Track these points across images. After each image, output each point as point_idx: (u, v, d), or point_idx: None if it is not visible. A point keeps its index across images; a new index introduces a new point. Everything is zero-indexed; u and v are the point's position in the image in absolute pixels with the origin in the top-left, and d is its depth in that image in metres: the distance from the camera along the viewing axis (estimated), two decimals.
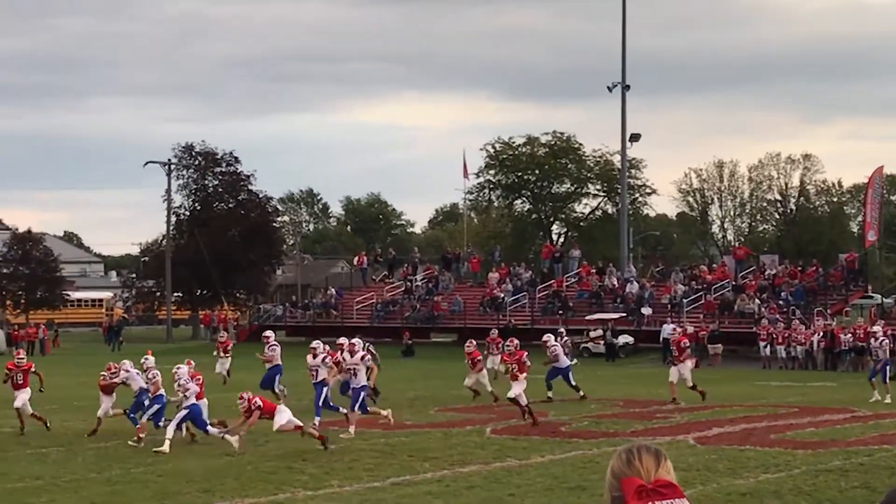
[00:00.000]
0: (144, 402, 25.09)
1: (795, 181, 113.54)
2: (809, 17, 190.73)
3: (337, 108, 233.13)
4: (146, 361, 26.49)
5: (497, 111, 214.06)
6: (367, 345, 36.40)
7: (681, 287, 61.86)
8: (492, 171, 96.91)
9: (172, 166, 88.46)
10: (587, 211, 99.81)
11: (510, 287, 66.45)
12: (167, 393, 24.99)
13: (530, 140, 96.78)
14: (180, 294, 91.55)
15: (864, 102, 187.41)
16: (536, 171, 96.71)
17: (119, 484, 19.65)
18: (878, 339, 36.31)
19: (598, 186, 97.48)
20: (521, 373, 27.94)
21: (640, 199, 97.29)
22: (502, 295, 65.35)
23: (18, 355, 27.76)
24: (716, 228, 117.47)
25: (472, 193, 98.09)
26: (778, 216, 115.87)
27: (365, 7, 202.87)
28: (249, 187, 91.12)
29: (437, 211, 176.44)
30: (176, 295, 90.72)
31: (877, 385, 34.38)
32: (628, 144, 74.35)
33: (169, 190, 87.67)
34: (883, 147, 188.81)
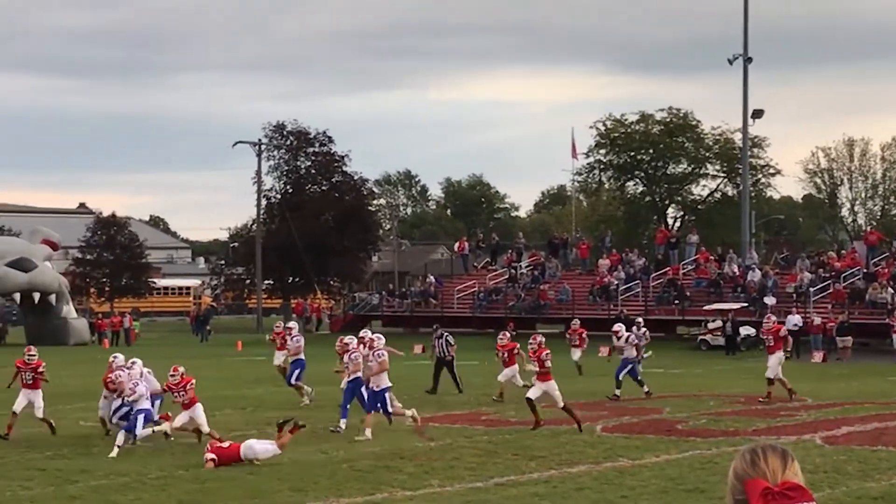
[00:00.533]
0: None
1: None
2: None
3: (437, 84, 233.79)
4: (115, 360, 26.09)
5: (608, 86, 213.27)
6: (444, 332, 36.25)
7: (807, 275, 61.17)
8: (602, 151, 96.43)
9: (263, 147, 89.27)
10: (705, 193, 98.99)
11: (622, 275, 66.19)
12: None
13: (644, 117, 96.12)
14: (271, 282, 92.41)
15: None
16: (651, 151, 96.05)
17: (208, 482, 19.90)
18: None
19: (718, 167, 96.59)
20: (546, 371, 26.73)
21: (763, 181, 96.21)
22: (614, 283, 65.09)
23: (29, 352, 26.69)
24: (845, 212, 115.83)
25: (581, 174, 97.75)
26: None
27: None
28: (344, 169, 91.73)
29: (543, 193, 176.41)
30: (266, 283, 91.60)
31: None
32: (750, 121, 73.56)
33: (259, 172, 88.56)
34: None
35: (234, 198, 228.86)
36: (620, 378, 33.36)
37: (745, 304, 60.58)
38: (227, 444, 21.45)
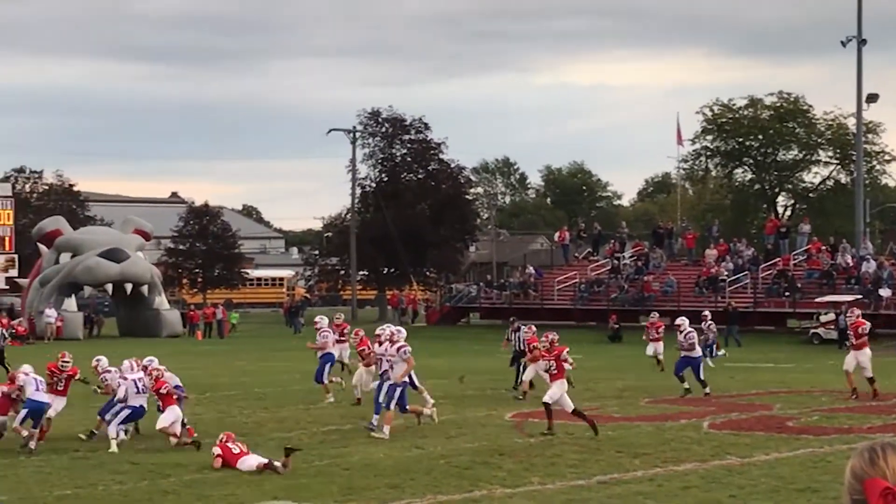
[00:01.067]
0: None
1: None
2: None
3: (536, 69, 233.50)
4: (99, 363, 25.87)
5: (715, 70, 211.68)
6: (521, 325, 35.93)
7: None
8: (709, 137, 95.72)
9: (357, 134, 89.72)
10: (817, 181, 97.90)
11: (730, 265, 65.67)
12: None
13: (753, 102, 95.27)
14: (366, 272, 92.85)
15: None
16: (760, 137, 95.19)
17: (303, 477, 20.04)
18: None
19: (830, 153, 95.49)
20: (561, 372, 25.67)
21: (878, 168, 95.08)
22: (722, 274, 64.62)
23: (63, 358, 26.04)
24: None
25: (686, 162, 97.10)
26: None
27: None
28: (440, 156, 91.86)
29: (647, 181, 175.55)
30: (361, 273, 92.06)
31: None
32: (865, 106, 72.59)
33: (354, 160, 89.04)
34: None
35: (329, 186, 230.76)
36: (681, 374, 32.80)
37: (860, 297, 59.80)
38: (238, 451, 21.11)
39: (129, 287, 69.37)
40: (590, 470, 20.41)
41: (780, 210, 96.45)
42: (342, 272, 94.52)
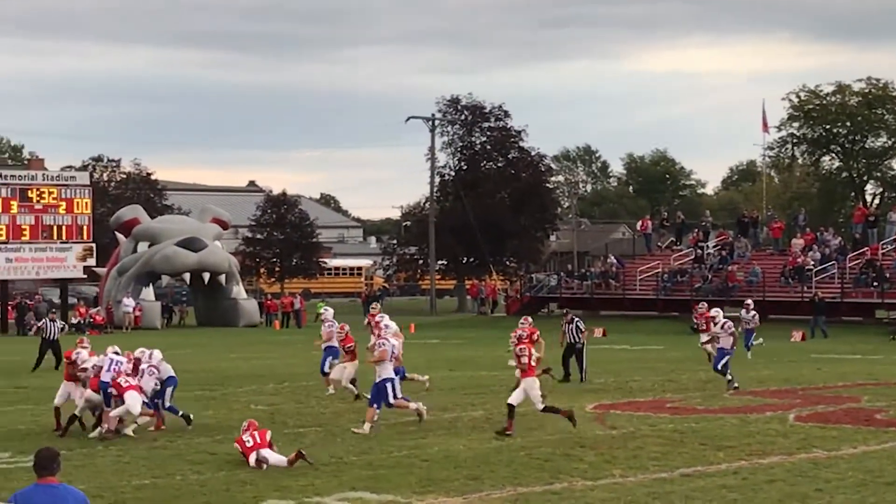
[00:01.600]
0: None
1: None
2: None
3: (619, 55, 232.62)
4: (79, 356, 25.51)
5: (801, 55, 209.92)
6: (574, 317, 35.59)
7: None
8: (795, 124, 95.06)
9: (436, 122, 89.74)
10: None
11: (817, 255, 65.07)
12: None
13: (841, 88, 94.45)
14: (445, 262, 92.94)
15: None
16: (848, 124, 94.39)
17: (381, 468, 20.09)
18: None
19: None
20: (530, 370, 24.08)
21: None
22: (809, 264, 64.05)
23: (82, 343, 26.28)
24: None
25: (772, 149, 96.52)
26: None
27: None
28: (520, 144, 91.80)
29: (731, 169, 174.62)
30: (440, 263, 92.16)
31: None
32: None
33: (433, 148, 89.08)
34: None
35: (407, 175, 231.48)
36: (720, 368, 32.05)
37: None
38: (251, 443, 20.90)
39: (206, 276, 69.85)
40: (672, 462, 20.32)
41: (869, 198, 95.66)
42: (420, 262, 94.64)
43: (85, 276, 74.28)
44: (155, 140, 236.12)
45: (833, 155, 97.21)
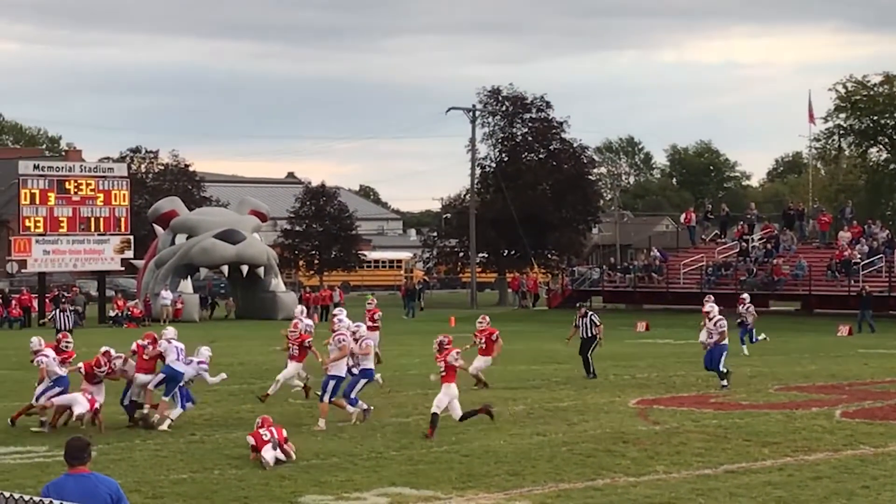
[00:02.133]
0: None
1: None
2: None
3: (662, 45, 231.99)
4: (38, 350, 25.30)
5: (848, 45, 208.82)
6: (588, 312, 35.14)
7: None
8: (842, 115, 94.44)
9: (477, 113, 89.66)
10: None
11: (864, 248, 64.76)
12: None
13: (889, 78, 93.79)
14: (485, 255, 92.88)
15: None
16: None
17: (421, 463, 20.11)
18: None
19: None
20: (450, 375, 23.71)
21: None
22: (856, 257, 63.74)
23: (66, 338, 26.26)
24: None
25: (818, 141, 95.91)
26: None
27: None
28: (562, 135, 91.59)
29: (777, 161, 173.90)
30: (481, 256, 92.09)
31: None
32: None
33: (473, 139, 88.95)
34: None
35: (447, 167, 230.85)
36: (718, 367, 31.16)
37: None
38: (268, 437, 20.70)
39: (245, 269, 69.96)
40: (716, 459, 20.27)
41: None
42: (461, 254, 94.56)
43: (123, 269, 74.51)
44: (194, 131, 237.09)
45: (881, 146, 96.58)
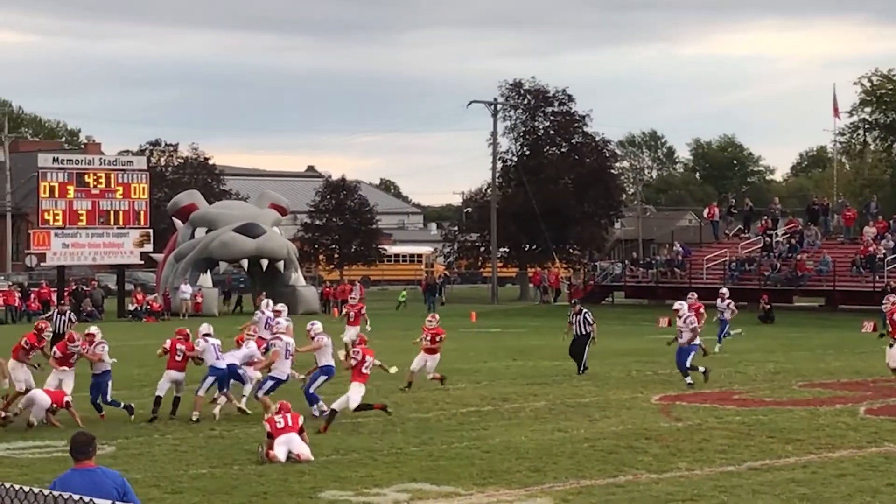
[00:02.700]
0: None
1: None
2: None
3: (685, 38, 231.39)
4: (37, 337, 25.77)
5: (873, 38, 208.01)
6: (583, 309, 34.98)
7: None
8: (867, 109, 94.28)
9: (499, 107, 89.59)
10: None
11: (889, 243, 64.53)
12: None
13: None
14: (507, 249, 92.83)
15: None
16: None
17: (441, 459, 20.13)
18: None
19: None
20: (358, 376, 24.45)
21: None
22: (881, 252, 63.53)
23: (47, 328, 26.70)
24: None
25: (843, 135, 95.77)
26: None
27: None
28: (584, 129, 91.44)
29: (801, 156, 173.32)
30: (502, 250, 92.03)
31: None
32: None
33: (495, 133, 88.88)
34: None
35: (469, 161, 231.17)
36: (688, 365, 30.80)
37: None
38: (282, 425, 20.44)
39: (264, 263, 69.94)
40: (740, 456, 20.26)
41: None
42: (482, 249, 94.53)
43: (142, 262, 74.70)
44: (213, 125, 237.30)
45: None
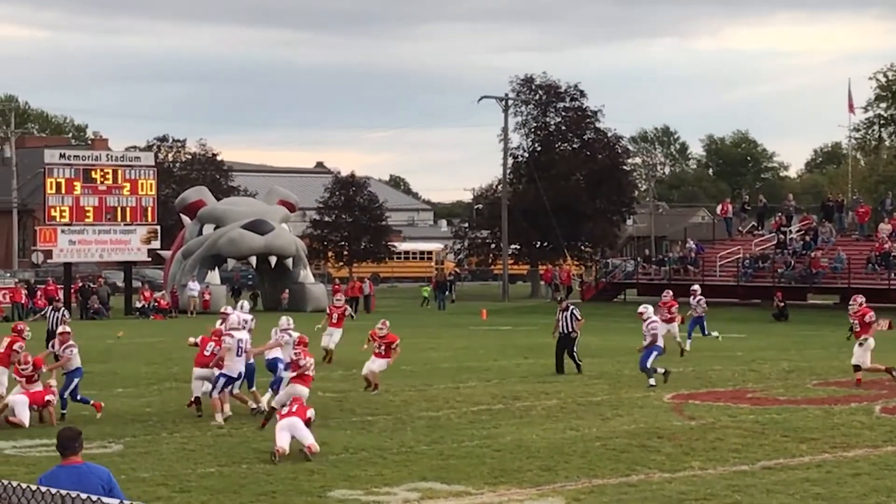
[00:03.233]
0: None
1: None
2: None
3: (699, 33, 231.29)
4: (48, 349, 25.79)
5: (889, 33, 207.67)
6: (570, 306, 34.85)
7: None
8: (883, 105, 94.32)
9: (510, 102, 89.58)
10: None
11: None
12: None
13: None
14: (518, 246, 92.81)
15: None
16: None
17: (452, 458, 20.13)
18: None
19: None
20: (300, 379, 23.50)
21: None
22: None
23: (26, 329, 26.83)
24: None
25: (858, 131, 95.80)
26: None
27: None
28: (596, 125, 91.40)
29: (815, 151, 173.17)
30: (513, 247, 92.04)
31: None
32: None
33: (506, 129, 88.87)
34: None
35: (479, 156, 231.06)
36: (649, 366, 30.44)
37: None
38: (286, 410, 20.83)
39: (273, 260, 69.96)
40: (753, 455, 20.24)
41: None
42: (493, 246, 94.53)
43: (149, 259, 74.72)
44: (221, 120, 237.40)
45: None
